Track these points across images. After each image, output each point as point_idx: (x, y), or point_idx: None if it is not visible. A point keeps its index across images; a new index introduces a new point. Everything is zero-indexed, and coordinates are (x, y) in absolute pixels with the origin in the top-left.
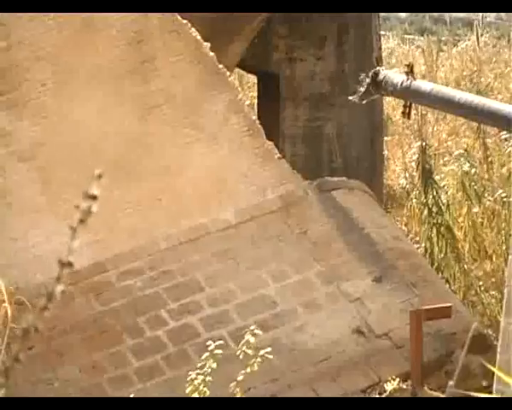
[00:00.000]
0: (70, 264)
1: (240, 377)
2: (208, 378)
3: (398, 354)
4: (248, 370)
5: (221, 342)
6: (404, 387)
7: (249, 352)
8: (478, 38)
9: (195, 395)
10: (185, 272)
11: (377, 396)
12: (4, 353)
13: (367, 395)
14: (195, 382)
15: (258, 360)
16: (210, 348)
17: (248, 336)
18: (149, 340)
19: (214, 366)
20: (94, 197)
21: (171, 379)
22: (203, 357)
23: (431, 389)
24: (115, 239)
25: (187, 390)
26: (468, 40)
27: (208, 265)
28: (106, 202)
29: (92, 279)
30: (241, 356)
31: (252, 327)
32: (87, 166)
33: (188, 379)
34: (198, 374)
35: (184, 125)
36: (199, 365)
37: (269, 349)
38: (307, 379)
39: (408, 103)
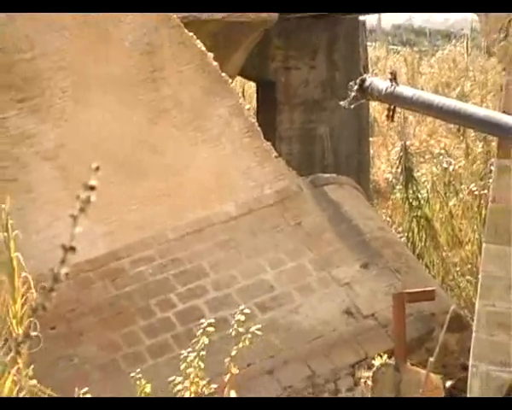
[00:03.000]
0: (73, 249)
1: (233, 353)
2: (202, 353)
3: (384, 333)
4: (241, 345)
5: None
6: (390, 362)
7: (241, 330)
8: (467, 48)
9: (190, 370)
10: (191, 259)
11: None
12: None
13: (355, 370)
14: (188, 359)
15: (249, 336)
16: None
17: (239, 316)
18: (160, 321)
19: (206, 341)
20: (92, 188)
21: (180, 356)
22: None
23: (413, 365)
24: (128, 230)
25: (181, 367)
26: (445, 50)
27: (212, 253)
28: (119, 198)
29: (108, 266)
30: (233, 333)
31: (241, 307)
32: (103, 165)
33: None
34: (190, 352)
35: (190, 128)
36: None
37: (259, 326)
38: (302, 356)
39: (391, 107)
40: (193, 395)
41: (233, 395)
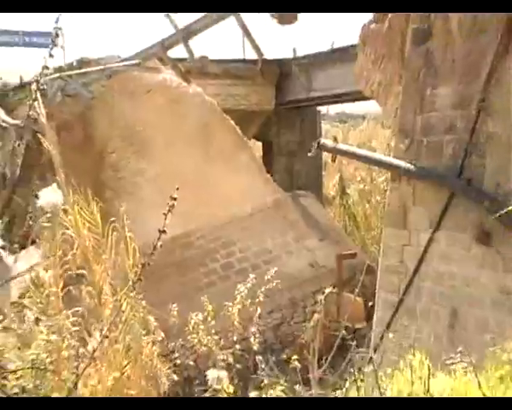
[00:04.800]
0: (164, 231)
1: (263, 289)
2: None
3: (331, 275)
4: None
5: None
6: (334, 291)
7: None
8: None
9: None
10: (226, 236)
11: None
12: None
13: (315, 296)
14: (242, 288)
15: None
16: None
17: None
18: (211, 269)
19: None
20: (175, 198)
21: (221, 289)
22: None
23: (347, 292)
24: (192, 220)
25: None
26: (363, 125)
27: (238, 233)
28: (188, 202)
29: (182, 241)
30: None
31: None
32: (179, 184)
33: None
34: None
35: (226, 166)
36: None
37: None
38: (288, 288)
39: (334, 155)
40: (239, 309)
41: (258, 311)
